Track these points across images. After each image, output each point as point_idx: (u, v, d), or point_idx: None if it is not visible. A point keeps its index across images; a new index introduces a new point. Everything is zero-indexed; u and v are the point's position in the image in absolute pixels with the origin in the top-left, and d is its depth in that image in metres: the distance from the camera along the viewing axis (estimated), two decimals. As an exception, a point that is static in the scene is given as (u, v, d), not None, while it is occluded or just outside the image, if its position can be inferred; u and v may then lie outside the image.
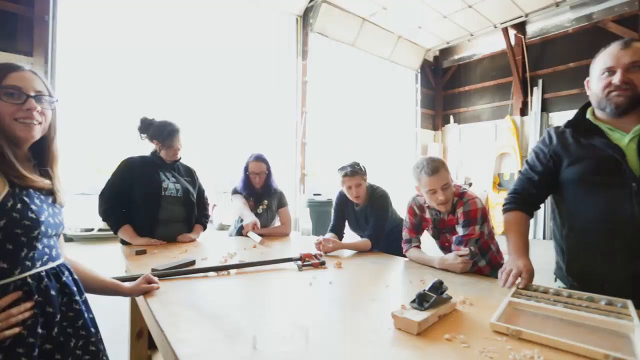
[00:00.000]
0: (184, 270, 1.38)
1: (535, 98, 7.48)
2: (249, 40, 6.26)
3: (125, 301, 1.81)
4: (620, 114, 1.10)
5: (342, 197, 2.19)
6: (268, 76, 6.55)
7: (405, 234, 1.80)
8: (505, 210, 1.36)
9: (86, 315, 0.93)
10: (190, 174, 2.33)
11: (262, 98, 6.64)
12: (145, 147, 2.21)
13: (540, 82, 7.49)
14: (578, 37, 6.99)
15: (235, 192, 2.55)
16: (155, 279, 1.18)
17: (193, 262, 1.53)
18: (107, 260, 4.97)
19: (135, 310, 1.82)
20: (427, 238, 1.82)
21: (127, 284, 1.14)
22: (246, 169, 2.49)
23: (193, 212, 2.25)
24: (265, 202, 2.51)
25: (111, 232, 2.05)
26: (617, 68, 1.06)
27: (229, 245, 2.05)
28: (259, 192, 2.52)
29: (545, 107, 7.42)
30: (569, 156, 1.20)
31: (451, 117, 9.21)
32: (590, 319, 0.90)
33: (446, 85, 9.40)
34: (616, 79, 1.06)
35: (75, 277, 0.95)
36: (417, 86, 8.92)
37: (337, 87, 7.48)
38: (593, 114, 1.21)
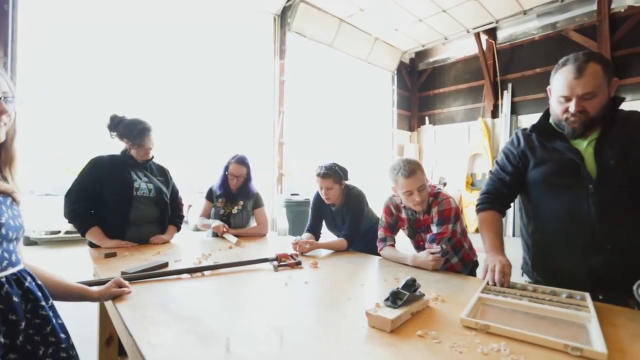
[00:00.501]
0: (156, 272, 1.34)
1: (506, 101, 7.79)
2: (226, 38, 6.16)
3: (94, 306, 1.74)
4: (577, 137, 1.18)
5: (319, 197, 2.19)
6: (245, 75, 6.47)
7: (380, 233, 1.83)
8: (479, 210, 1.42)
9: (54, 321, 0.89)
10: (163, 173, 2.26)
11: (240, 97, 6.56)
12: (118, 146, 2.13)
13: (510, 85, 7.81)
14: (544, 43, 7.35)
15: (208, 194, 2.55)
16: (126, 282, 1.14)
17: (166, 264, 1.49)
18: (74, 264, 4.75)
19: (104, 316, 1.75)
20: (403, 238, 1.86)
21: (95, 288, 1.09)
22: (226, 168, 2.45)
23: (166, 213, 2.19)
24: (241, 202, 2.48)
25: (79, 235, 1.97)
26: (572, 97, 1.13)
27: (203, 247, 2.01)
28: (234, 193, 2.49)
29: (515, 110, 7.74)
30: (534, 158, 1.27)
31: (426, 118, 9.43)
32: (553, 312, 0.95)
33: (421, 87, 9.62)
34: (572, 108, 1.13)
35: (39, 282, 0.91)
36: (394, 87, 9.08)
37: (315, 87, 7.50)
38: None
